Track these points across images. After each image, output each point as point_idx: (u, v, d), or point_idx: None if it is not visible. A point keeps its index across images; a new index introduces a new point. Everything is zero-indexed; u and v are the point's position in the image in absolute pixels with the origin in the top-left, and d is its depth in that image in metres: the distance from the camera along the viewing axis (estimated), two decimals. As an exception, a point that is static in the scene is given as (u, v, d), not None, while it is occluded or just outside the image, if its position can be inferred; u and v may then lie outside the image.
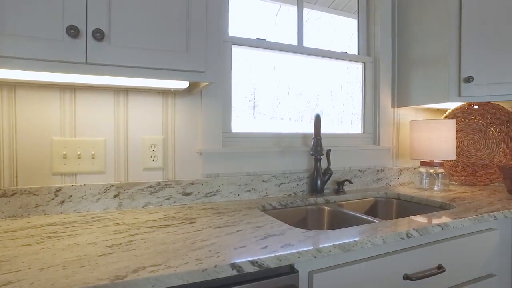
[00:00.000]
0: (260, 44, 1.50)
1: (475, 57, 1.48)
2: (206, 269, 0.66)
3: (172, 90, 1.23)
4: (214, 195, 1.34)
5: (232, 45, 1.44)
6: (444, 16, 1.54)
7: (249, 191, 1.40)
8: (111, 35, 0.87)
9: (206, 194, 1.32)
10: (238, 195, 1.38)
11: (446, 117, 1.82)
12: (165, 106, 1.27)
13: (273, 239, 0.84)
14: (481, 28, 1.47)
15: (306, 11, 1.76)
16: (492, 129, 1.78)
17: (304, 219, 1.37)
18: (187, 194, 1.29)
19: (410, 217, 1.09)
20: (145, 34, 0.92)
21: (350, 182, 1.48)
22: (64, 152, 1.11)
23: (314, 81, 1.81)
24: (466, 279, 1.10)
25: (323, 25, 1.84)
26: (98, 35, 0.84)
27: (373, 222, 1.12)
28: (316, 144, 1.28)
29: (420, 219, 1.06)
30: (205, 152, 1.32)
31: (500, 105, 1.76)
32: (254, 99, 1.69)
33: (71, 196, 1.11)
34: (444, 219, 1.05)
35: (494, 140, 1.77)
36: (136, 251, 0.75)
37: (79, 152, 1.14)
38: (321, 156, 1.48)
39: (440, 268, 1.02)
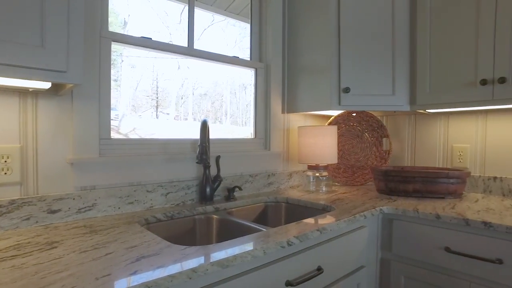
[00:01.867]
0: (145, 43, 1.38)
1: (351, 69, 1.63)
2: (50, 313, 0.55)
3: (31, 90, 1.04)
4: (90, 210, 1.18)
5: (113, 42, 1.29)
6: (326, 29, 1.65)
7: (132, 203, 1.28)
8: None
9: (79, 209, 1.15)
10: (119, 208, 1.24)
11: (330, 124, 1.97)
12: (24, 109, 1.07)
13: (146, 262, 0.76)
14: (356, 44, 1.63)
15: (210, 13, 1.72)
16: (366, 134, 1.99)
17: (192, 230, 1.31)
18: (54, 212, 1.10)
19: (293, 223, 1.12)
20: (-20, 20, 0.74)
21: (240, 189, 1.48)
22: None
23: (219, 81, 1.78)
24: (341, 275, 1.18)
25: (230, 28, 1.82)
26: None
27: (259, 230, 1.12)
28: (202, 152, 1.22)
29: (302, 224, 1.10)
30: (77, 162, 1.15)
31: (372, 114, 1.98)
32: (157, 98, 1.58)
33: None
34: (323, 223, 1.11)
35: (368, 144, 1.99)
36: (-44, 298, 0.59)
37: None
38: (210, 163, 1.44)
39: (319, 270, 1.07)
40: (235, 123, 1.91)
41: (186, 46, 1.55)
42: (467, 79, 1.46)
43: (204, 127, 1.29)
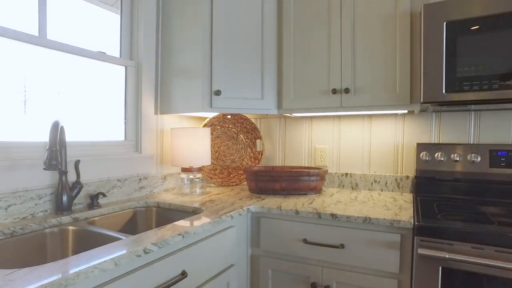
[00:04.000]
0: (-24, 26, 1.15)
1: (223, 73, 1.67)
2: None
3: None
4: None
5: None
6: (199, 31, 1.65)
7: (-45, 221, 1.04)
8: None
9: None
10: None
11: (205, 125, 1.98)
12: None
13: (-49, 295, 0.62)
14: (228, 48, 1.68)
15: (83, 1, 1.53)
16: (241, 136, 2.08)
17: (41, 247, 1.14)
18: None
19: (155, 229, 1.08)
20: None
21: (104, 195, 1.36)
22: None
23: (90, 77, 1.59)
24: (210, 275, 1.19)
25: (104, 20, 1.64)
26: None
27: (118, 239, 1.04)
28: (51, 157, 1.07)
29: (164, 230, 1.07)
30: None
31: (246, 116, 2.08)
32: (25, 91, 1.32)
33: None
34: (186, 227, 1.10)
35: (243, 146, 2.08)
36: None
37: None
38: (66, 169, 1.29)
39: (184, 274, 1.05)
40: (109, 123, 1.75)
41: (37, 35, 1.35)
42: (322, 88, 1.66)
43: (55, 128, 1.13)
